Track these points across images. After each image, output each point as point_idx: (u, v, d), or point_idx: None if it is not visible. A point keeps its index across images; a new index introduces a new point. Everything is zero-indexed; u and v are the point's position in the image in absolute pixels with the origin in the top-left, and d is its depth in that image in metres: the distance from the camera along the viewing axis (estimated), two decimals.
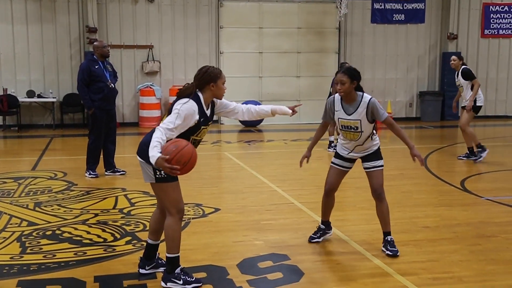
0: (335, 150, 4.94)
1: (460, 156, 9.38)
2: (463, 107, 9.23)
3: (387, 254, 4.55)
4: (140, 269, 4.14)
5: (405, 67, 16.20)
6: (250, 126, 14.60)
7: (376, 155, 4.66)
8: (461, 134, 9.47)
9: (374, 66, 16.12)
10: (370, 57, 16.03)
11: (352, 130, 4.55)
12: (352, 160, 4.79)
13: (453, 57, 9.23)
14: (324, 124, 4.83)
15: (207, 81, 3.87)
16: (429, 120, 15.69)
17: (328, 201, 4.98)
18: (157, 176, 3.78)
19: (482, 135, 13.18)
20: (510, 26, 16.61)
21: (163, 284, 3.90)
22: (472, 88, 9.02)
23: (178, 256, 3.89)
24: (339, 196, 6.80)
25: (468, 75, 9.04)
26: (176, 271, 3.89)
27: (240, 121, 14.65)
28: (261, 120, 14.67)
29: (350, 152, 4.73)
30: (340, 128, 4.67)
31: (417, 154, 4.38)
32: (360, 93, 4.54)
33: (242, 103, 4.46)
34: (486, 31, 16.45)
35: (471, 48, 16.45)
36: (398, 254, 4.55)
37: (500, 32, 16.54)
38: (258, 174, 8.15)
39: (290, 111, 4.31)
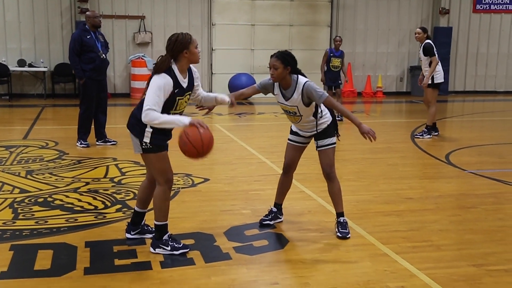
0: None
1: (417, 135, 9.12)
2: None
3: (338, 236, 4.35)
4: (126, 233, 4.32)
5: (397, 41, 16.22)
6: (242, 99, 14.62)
7: (325, 133, 4.43)
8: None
9: (366, 39, 16.12)
10: (362, 30, 16.02)
11: (291, 114, 4.42)
12: (306, 137, 4.61)
13: (418, 29, 8.90)
14: (255, 90, 4.54)
15: (180, 49, 3.84)
16: (419, 94, 15.67)
17: (285, 181, 4.74)
18: (143, 147, 3.88)
19: (470, 110, 13.34)
20: (502, 1, 16.61)
21: (151, 250, 4.06)
22: (430, 65, 8.75)
23: (166, 224, 4.03)
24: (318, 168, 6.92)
25: (428, 51, 8.72)
26: (164, 238, 4.02)
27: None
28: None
29: (299, 131, 4.58)
30: (282, 111, 4.52)
31: (365, 131, 4.09)
32: (295, 77, 4.27)
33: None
34: (478, 6, 16.46)
35: (462, 23, 16.47)
36: (348, 236, 4.34)
37: (492, 7, 16.55)
38: (248, 146, 8.25)
39: (228, 99, 4.23)
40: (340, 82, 10.94)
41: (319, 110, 4.41)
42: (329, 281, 3.65)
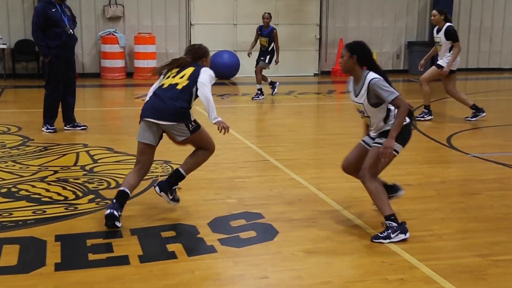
0: (262, 98, 5.10)
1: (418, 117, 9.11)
2: (438, 66, 8.89)
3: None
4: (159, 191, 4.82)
5: (393, 15, 16.27)
6: (224, 78, 14.61)
7: (384, 134, 4.31)
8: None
9: (359, 13, 16.14)
10: (355, 3, 16.03)
11: (361, 114, 4.41)
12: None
13: (434, 11, 8.90)
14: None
15: (201, 55, 4.87)
16: (418, 73, 15.71)
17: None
18: (191, 128, 4.72)
19: (474, 88, 13.48)
20: None
21: (157, 190, 4.76)
22: (450, 50, 8.77)
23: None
24: (318, 153, 7.00)
25: (452, 35, 8.72)
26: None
27: (214, 73, 14.64)
28: (235, 72, 14.69)
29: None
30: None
31: (382, 150, 4.16)
32: (366, 71, 4.26)
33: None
34: None
35: None
36: (379, 241, 4.16)
37: None
38: (232, 130, 8.19)
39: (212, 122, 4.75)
40: (262, 59, 11.36)
41: (390, 115, 4.31)
42: (322, 274, 3.71)
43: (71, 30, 7.87)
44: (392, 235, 4.19)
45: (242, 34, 15.18)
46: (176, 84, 4.68)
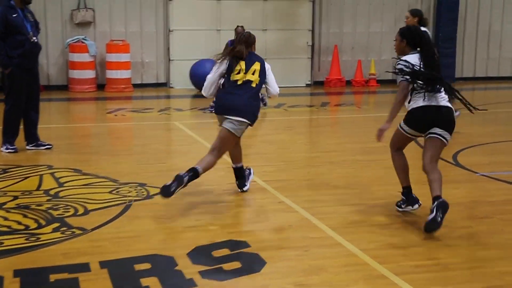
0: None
1: None
2: None
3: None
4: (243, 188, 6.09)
5: (393, 19, 16.42)
6: None
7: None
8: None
9: (356, 17, 16.29)
10: (351, 5, 16.19)
11: None
12: None
13: (406, 13, 8.81)
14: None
15: (252, 42, 5.89)
16: None
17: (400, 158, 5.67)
18: (253, 122, 5.84)
19: (482, 100, 13.58)
20: None
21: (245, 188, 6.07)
22: None
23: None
24: (311, 173, 7.02)
25: None
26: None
27: (195, 85, 14.69)
28: None
29: None
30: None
31: (379, 131, 5.29)
32: (410, 54, 5.25)
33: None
34: None
35: None
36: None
37: None
38: None
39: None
40: None
41: (411, 97, 5.22)
42: None
43: (34, 38, 7.86)
44: None
45: (226, 41, 15.21)
46: (251, 81, 5.75)
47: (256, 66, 5.79)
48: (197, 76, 14.44)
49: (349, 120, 10.96)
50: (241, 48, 5.80)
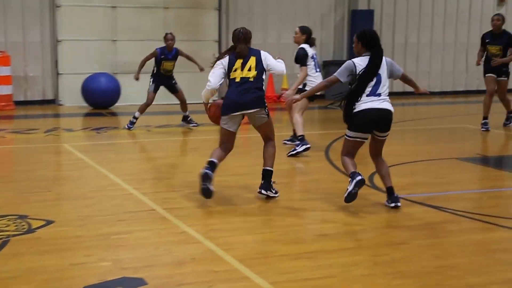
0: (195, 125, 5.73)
1: (285, 140, 10.11)
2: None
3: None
4: (267, 192, 6.87)
5: None
6: (101, 107, 14.41)
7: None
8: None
9: (266, 27, 16.56)
10: (260, 15, 16.46)
11: None
12: None
13: (296, 29, 9.83)
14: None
15: (250, 38, 6.88)
16: (336, 97, 16.38)
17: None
18: (267, 113, 6.81)
19: (400, 116, 14.07)
20: None
21: (264, 192, 6.80)
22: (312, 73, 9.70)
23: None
24: (218, 198, 7.00)
25: (297, 59, 9.59)
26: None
27: (88, 102, 14.45)
28: (115, 100, 14.52)
29: None
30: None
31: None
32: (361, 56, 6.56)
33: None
34: None
35: (386, 5, 17.47)
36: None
37: None
38: (110, 172, 8.12)
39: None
40: (174, 82, 11.93)
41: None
42: None
43: None
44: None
45: (123, 53, 15.10)
46: (248, 78, 6.68)
47: (251, 61, 6.71)
48: (90, 92, 14.27)
49: (259, 139, 11.00)
50: (242, 47, 6.74)
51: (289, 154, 9.27)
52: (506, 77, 11.67)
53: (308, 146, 9.31)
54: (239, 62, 6.73)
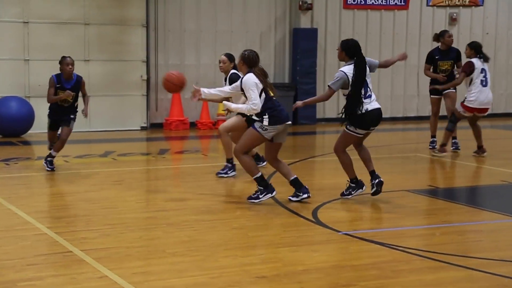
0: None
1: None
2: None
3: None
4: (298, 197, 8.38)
5: (242, 48, 16.84)
6: (11, 136, 14.13)
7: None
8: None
9: (199, 46, 16.60)
10: (193, 32, 16.49)
11: None
12: None
13: (222, 57, 10.33)
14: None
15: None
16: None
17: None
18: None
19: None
20: None
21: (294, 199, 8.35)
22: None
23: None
24: (144, 237, 6.94)
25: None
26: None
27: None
28: (28, 127, 14.28)
29: None
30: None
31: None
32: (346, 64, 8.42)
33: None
34: (350, 0, 17.85)
35: (331, 23, 17.75)
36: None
37: (368, 2, 18.05)
38: (20, 210, 7.96)
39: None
40: (72, 117, 10.60)
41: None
42: None
43: None
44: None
45: (37, 74, 14.86)
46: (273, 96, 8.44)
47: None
48: (1, 117, 13.98)
49: (193, 171, 11.03)
50: (260, 66, 8.40)
51: (219, 174, 10.07)
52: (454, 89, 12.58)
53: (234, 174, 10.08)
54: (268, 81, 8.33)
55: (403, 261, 6.29)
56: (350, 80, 8.15)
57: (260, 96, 8.10)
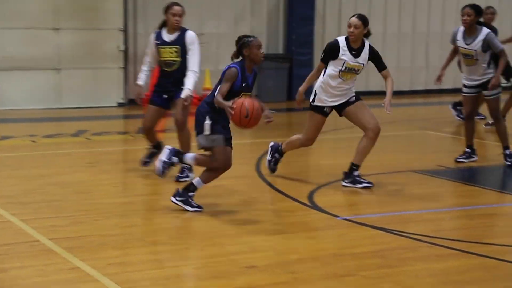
0: None
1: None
2: None
3: None
4: None
5: (232, 16, 16.86)
6: None
7: None
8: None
9: (185, 15, 16.46)
10: None
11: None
12: None
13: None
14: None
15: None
16: (270, 100, 16.41)
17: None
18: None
19: (344, 123, 14.21)
20: None
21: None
22: None
23: None
24: (120, 225, 6.93)
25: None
26: None
27: None
28: None
29: None
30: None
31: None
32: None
33: None
34: None
35: None
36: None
37: None
38: None
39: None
40: None
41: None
42: None
43: None
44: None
45: (3, 44, 14.76)
46: None
47: None
48: None
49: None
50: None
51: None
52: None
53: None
54: None
55: (409, 248, 6.31)
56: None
57: None
